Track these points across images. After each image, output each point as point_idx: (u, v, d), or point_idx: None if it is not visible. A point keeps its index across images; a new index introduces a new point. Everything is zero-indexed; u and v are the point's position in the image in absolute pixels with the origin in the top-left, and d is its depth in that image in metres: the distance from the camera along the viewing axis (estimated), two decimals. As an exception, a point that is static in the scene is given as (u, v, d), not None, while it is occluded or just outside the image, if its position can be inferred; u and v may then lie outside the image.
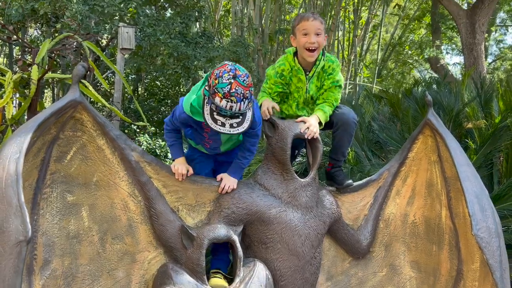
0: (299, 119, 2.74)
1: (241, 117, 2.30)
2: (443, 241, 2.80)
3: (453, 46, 15.90)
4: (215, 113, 2.26)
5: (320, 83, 2.87)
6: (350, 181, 2.85)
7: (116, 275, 2.36)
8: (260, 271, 2.43)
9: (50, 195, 2.24)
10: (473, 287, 2.57)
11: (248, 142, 2.68)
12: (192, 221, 2.51)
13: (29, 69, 5.73)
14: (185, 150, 2.87)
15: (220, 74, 2.24)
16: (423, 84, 5.86)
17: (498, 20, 14.75)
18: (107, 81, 9.44)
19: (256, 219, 2.54)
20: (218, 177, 2.64)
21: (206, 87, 2.31)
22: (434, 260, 2.84)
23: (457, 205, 2.71)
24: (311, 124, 2.66)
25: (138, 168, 2.41)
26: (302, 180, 2.63)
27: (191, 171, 2.57)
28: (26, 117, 6.13)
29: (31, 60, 6.96)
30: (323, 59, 2.82)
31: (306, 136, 2.65)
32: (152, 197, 2.42)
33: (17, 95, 6.13)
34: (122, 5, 7.20)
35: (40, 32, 9.67)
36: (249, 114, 2.33)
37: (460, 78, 13.07)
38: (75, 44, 6.78)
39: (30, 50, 9.06)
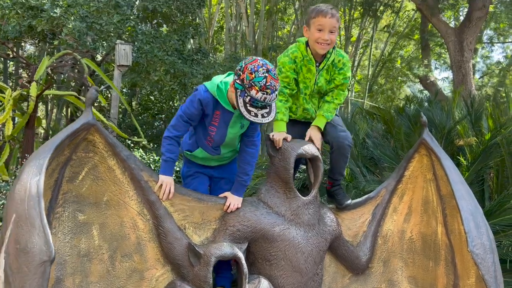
0: (307, 136, 2.87)
1: (269, 107, 2.52)
2: (439, 257, 2.90)
3: (442, 61, 16.24)
4: (248, 105, 2.47)
5: (330, 77, 2.97)
6: (349, 201, 2.96)
7: (125, 292, 2.42)
8: (264, 287, 2.51)
9: (62, 214, 2.31)
10: (469, 302, 2.66)
11: (247, 154, 2.80)
12: (198, 239, 2.59)
13: (28, 85, 5.79)
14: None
15: (255, 69, 2.45)
16: (415, 102, 6.02)
17: (485, 37, 15.12)
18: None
19: (260, 236, 2.63)
20: (222, 195, 2.74)
21: (238, 81, 2.48)
22: (431, 275, 2.93)
23: (453, 222, 2.82)
24: (318, 140, 2.85)
25: (147, 187, 2.49)
26: (304, 198, 2.72)
27: (172, 194, 2.60)
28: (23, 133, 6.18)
29: (26, 77, 7.03)
30: (334, 53, 2.92)
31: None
32: (160, 216, 2.49)
33: (15, 111, 6.18)
34: (119, 23, 7.31)
35: (35, 48, 9.75)
36: (274, 105, 2.56)
37: (449, 94, 13.34)
38: (71, 60, 6.87)
39: (26, 66, 9.13)
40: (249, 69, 2.45)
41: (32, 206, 1.75)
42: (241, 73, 2.47)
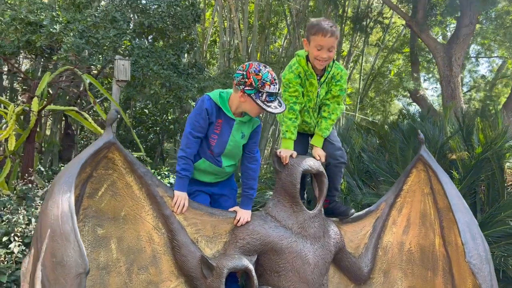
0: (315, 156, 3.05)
1: (277, 99, 2.81)
2: (437, 268, 3.05)
3: (431, 75, 16.61)
4: (266, 102, 2.73)
5: (328, 88, 3.11)
6: (353, 210, 3.11)
7: (141, 303, 2.52)
8: (274, 297, 2.63)
9: (83, 229, 2.42)
10: (466, 310, 2.81)
11: (250, 169, 2.98)
12: (210, 252, 2.71)
13: (30, 100, 5.88)
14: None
15: (257, 69, 2.73)
16: (407, 117, 6.22)
17: (472, 52, 15.53)
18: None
19: (269, 249, 2.75)
20: (232, 209, 2.88)
21: (247, 88, 2.73)
22: (430, 285, 3.07)
23: (449, 234, 2.98)
24: (323, 156, 3.06)
25: (162, 202, 2.61)
26: (310, 212, 2.87)
27: (186, 207, 2.73)
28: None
29: (25, 93, 7.10)
30: (334, 66, 3.05)
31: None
32: (174, 230, 2.61)
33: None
34: (116, 37, 7.45)
35: (31, 63, 9.82)
36: (279, 98, 2.85)
37: (438, 107, 13.64)
38: (71, 76, 6.97)
39: (22, 80, 9.20)
40: (253, 72, 2.71)
41: (65, 221, 1.87)
42: (247, 80, 2.71)
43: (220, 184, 3.12)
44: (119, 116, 2.51)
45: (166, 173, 7.68)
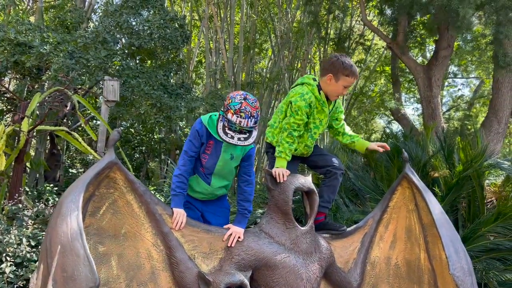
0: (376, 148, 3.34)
1: (247, 133, 2.80)
2: (423, 281, 3.18)
3: (412, 95, 17.06)
4: (226, 128, 2.78)
5: (332, 114, 3.38)
6: (345, 227, 3.27)
7: (140, 319, 2.59)
8: (269, 311, 2.72)
9: (85, 246, 2.49)
10: (451, 321, 2.94)
11: (246, 192, 3.12)
12: (207, 268, 2.79)
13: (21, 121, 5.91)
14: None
15: (234, 96, 2.80)
16: (391, 136, 6.43)
17: (450, 72, 16.03)
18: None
19: (263, 264, 2.86)
20: (226, 226, 2.98)
21: (222, 108, 2.82)
22: (416, 298, 3.21)
23: (434, 248, 3.13)
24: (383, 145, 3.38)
25: (161, 220, 2.71)
26: (302, 228, 2.99)
27: (184, 224, 2.82)
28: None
29: (9, 111, 7.11)
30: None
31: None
32: (173, 247, 2.70)
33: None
34: (106, 58, 7.55)
35: (18, 84, 9.82)
36: (254, 133, 2.83)
37: (418, 126, 13.98)
38: (61, 96, 7.03)
39: (8, 100, 9.19)
40: (230, 96, 2.82)
41: (75, 238, 1.96)
42: (225, 101, 2.84)
43: (211, 204, 3.24)
44: (121, 137, 2.63)
45: (153, 192, 7.74)
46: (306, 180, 3.08)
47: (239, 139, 2.77)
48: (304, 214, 3.26)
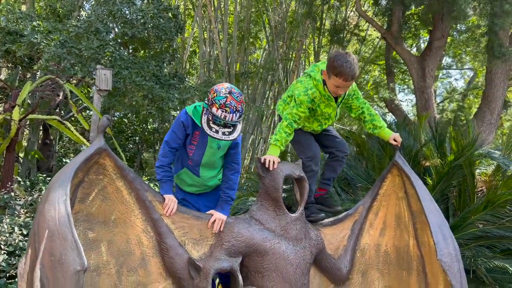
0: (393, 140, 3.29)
1: (232, 127, 2.78)
2: (412, 267, 3.22)
3: (406, 86, 17.08)
4: (211, 122, 2.76)
5: (343, 104, 3.32)
6: (339, 207, 3.30)
7: (130, 304, 2.61)
8: (258, 297, 2.75)
9: (74, 232, 2.49)
10: (438, 307, 2.98)
11: (231, 180, 3.12)
12: (197, 254, 2.81)
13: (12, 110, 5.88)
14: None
15: (219, 89, 2.75)
16: (384, 126, 6.43)
17: (444, 63, 16.06)
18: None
19: (253, 250, 2.88)
20: (209, 212, 2.99)
21: (206, 101, 2.79)
22: (405, 284, 3.23)
23: (423, 235, 3.16)
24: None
25: (151, 206, 2.71)
26: (292, 215, 3.01)
27: (175, 210, 2.82)
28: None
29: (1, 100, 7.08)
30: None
31: None
32: (163, 233, 2.72)
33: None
34: (99, 48, 7.51)
35: (9, 73, 9.75)
36: (239, 127, 2.81)
37: (413, 117, 14.02)
38: (53, 85, 6.99)
39: (0, 89, 9.12)
40: (214, 89, 2.78)
41: (63, 223, 1.96)
42: (209, 94, 2.80)
43: (206, 197, 3.25)
44: (110, 123, 2.63)
45: (146, 182, 7.74)
46: (296, 168, 3.09)
47: (223, 133, 2.75)
48: (295, 202, 3.27)
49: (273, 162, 3.02)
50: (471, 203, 4.55)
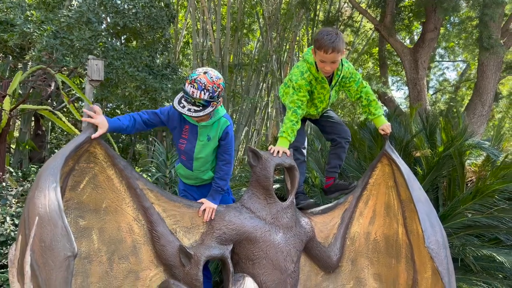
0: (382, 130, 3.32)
1: (201, 107, 2.76)
2: (400, 255, 3.27)
3: (398, 78, 17.13)
4: (182, 99, 2.76)
5: (340, 87, 3.32)
6: (355, 182, 3.42)
7: (122, 291, 2.63)
8: (249, 283, 2.79)
9: (65, 220, 2.51)
10: (426, 293, 3.03)
11: (223, 171, 3.13)
12: (188, 242, 2.84)
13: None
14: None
15: (197, 69, 2.78)
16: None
17: (437, 56, 16.11)
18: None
19: (244, 238, 2.91)
20: (200, 201, 3.01)
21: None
22: (394, 272, 3.29)
23: (411, 223, 3.20)
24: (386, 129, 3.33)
25: (142, 195, 2.73)
26: (283, 203, 3.04)
27: (101, 132, 2.63)
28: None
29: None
30: (344, 69, 3.20)
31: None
32: (154, 221, 2.73)
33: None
34: (91, 39, 7.45)
35: (0, 62, 9.66)
36: (209, 109, 2.78)
37: (406, 109, 14.08)
38: (44, 75, 6.94)
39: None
40: (193, 70, 2.79)
41: (53, 209, 1.97)
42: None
43: (205, 189, 3.25)
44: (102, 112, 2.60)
45: (140, 173, 7.74)
46: (287, 157, 3.11)
47: (189, 109, 2.73)
48: (285, 190, 3.30)
49: (281, 151, 3.05)
50: (461, 193, 4.60)
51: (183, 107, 2.73)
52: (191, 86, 2.71)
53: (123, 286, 2.64)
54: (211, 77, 2.75)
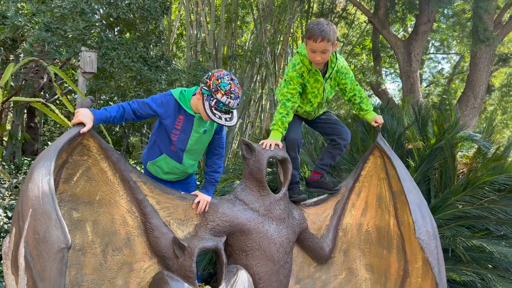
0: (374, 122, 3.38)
1: (231, 114, 2.86)
2: (392, 246, 3.32)
3: (392, 70, 17.17)
4: (213, 108, 2.79)
5: (335, 82, 3.31)
6: (339, 186, 3.41)
7: (116, 283, 2.66)
8: (242, 274, 2.82)
9: (59, 212, 2.52)
10: (417, 283, 3.07)
11: (216, 164, 3.19)
12: (182, 234, 2.86)
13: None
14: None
15: (221, 76, 2.81)
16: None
17: (431, 48, 16.15)
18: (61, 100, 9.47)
19: (237, 230, 2.94)
20: (194, 193, 3.03)
21: (205, 88, 2.81)
22: (385, 262, 3.34)
23: (403, 215, 3.25)
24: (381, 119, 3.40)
25: (136, 187, 2.74)
26: (276, 195, 3.06)
27: (88, 127, 2.56)
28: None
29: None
30: (338, 62, 3.20)
31: None
32: (147, 213, 2.75)
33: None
34: (85, 29, 7.39)
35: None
36: (235, 113, 2.89)
37: (399, 101, 14.13)
38: (36, 67, 6.90)
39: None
40: (216, 76, 2.80)
41: (46, 202, 1.98)
42: (208, 81, 2.82)
43: (180, 184, 3.28)
44: (93, 104, 2.61)
45: (134, 165, 7.73)
46: (279, 149, 3.14)
47: (225, 119, 2.82)
48: (279, 183, 3.33)
49: (273, 144, 3.07)
50: (452, 184, 4.65)
51: (219, 118, 2.81)
52: (227, 97, 2.78)
53: (117, 278, 2.67)
54: (237, 83, 2.84)
